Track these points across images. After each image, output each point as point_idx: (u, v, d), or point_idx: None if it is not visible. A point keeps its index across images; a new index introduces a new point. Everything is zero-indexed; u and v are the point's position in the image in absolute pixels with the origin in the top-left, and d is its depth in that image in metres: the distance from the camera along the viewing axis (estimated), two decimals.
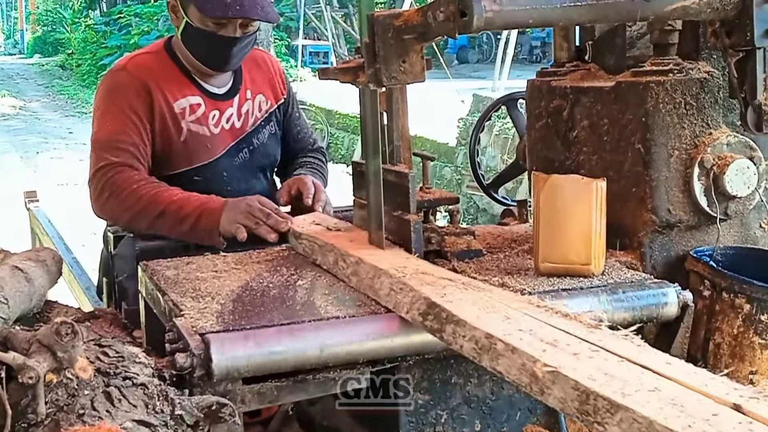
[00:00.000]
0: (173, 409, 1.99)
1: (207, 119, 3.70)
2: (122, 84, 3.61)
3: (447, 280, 2.45)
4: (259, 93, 3.88)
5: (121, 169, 3.45)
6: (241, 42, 3.60)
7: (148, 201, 3.37)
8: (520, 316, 2.13)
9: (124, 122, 3.53)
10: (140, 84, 3.58)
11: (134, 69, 3.64)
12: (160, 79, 3.64)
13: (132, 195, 3.39)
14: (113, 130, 3.53)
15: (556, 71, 3.19)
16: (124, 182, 3.42)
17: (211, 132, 3.71)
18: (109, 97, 3.63)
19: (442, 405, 2.55)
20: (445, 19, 2.30)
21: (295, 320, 2.32)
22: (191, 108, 3.67)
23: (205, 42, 3.60)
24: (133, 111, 3.55)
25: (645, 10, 2.48)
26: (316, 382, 2.31)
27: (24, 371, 1.81)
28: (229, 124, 3.76)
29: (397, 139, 2.89)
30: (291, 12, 33.59)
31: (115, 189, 3.42)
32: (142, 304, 2.89)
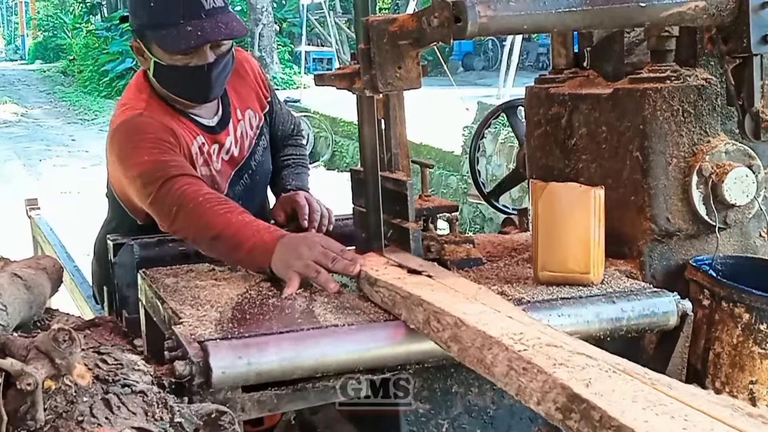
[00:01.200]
0: (172, 417, 1.99)
1: (211, 157, 3.50)
2: (145, 124, 3.30)
3: (585, 356, 1.87)
4: (247, 108, 3.67)
5: (186, 180, 3.13)
6: (217, 66, 3.35)
7: (207, 220, 3.01)
8: (702, 418, 1.55)
9: (162, 149, 3.24)
10: (166, 127, 3.32)
11: (152, 113, 3.35)
12: (173, 124, 3.38)
13: (197, 208, 3.05)
14: (155, 160, 3.20)
15: (554, 78, 3.19)
16: (192, 193, 3.07)
17: (215, 170, 3.51)
18: (136, 139, 3.28)
19: (443, 414, 2.55)
20: (439, 25, 2.30)
21: (294, 328, 2.32)
22: (200, 149, 3.46)
23: (180, 77, 3.36)
24: (168, 145, 3.26)
25: (641, 15, 2.49)
26: (316, 390, 2.31)
27: (22, 378, 1.82)
28: (228, 155, 3.57)
29: (395, 147, 2.90)
30: (294, 18, 33.60)
31: (184, 201, 3.06)
32: (143, 312, 2.90)
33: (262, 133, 3.71)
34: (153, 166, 3.15)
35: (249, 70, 3.73)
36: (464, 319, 2.12)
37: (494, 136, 11.77)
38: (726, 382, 2.60)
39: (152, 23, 3.32)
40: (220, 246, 2.98)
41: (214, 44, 3.31)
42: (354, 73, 2.64)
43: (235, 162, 3.58)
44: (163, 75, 3.37)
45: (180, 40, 3.26)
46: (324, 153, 19.31)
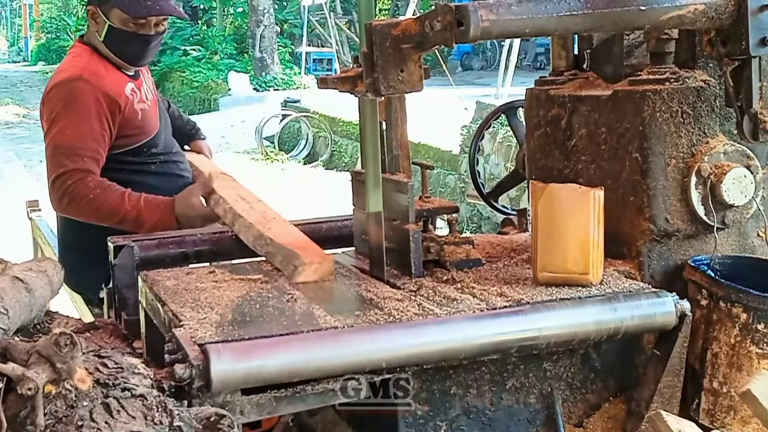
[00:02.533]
0: (172, 421, 1.99)
1: (142, 97, 4.19)
2: (82, 93, 3.95)
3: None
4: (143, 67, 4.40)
5: (79, 176, 3.85)
6: (155, 39, 4.15)
7: (106, 211, 3.84)
8: None
9: (83, 130, 3.91)
10: (99, 89, 3.96)
11: (91, 76, 4.00)
12: (108, 77, 4.05)
13: (90, 204, 3.85)
14: (73, 137, 3.90)
15: (554, 80, 3.19)
16: (81, 191, 3.84)
17: (149, 106, 4.22)
18: (69, 105, 3.95)
19: (441, 416, 2.56)
20: (442, 29, 2.31)
21: (294, 331, 2.32)
22: (132, 92, 4.13)
23: (128, 41, 4.07)
24: (93, 119, 3.93)
25: (641, 18, 2.49)
26: (315, 393, 2.31)
27: (23, 382, 1.82)
28: (149, 95, 4.29)
29: (396, 149, 2.90)
30: (295, 19, 33.61)
31: (75, 197, 3.85)
32: (143, 315, 2.90)
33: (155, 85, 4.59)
34: (67, 145, 3.90)
35: None
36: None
37: (492, 136, 11.78)
38: (724, 381, 2.61)
39: None
40: (125, 225, 3.80)
41: (158, 22, 4.09)
42: (356, 76, 2.65)
43: (155, 102, 4.34)
44: (114, 38, 4.08)
45: (142, 7, 4.00)
46: (323, 153, 19.32)
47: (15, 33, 69.36)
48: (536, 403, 2.67)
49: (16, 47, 66.57)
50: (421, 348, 2.35)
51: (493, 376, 2.60)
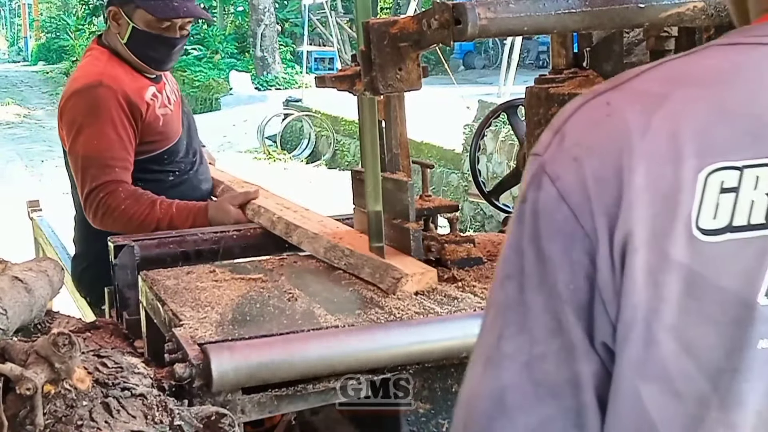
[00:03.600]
0: (172, 420, 1.99)
1: (164, 102, 4.05)
2: (103, 99, 3.81)
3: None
4: None
5: (111, 188, 3.75)
6: (179, 43, 4.01)
7: (140, 220, 3.72)
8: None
9: (111, 139, 3.78)
10: (120, 94, 3.82)
11: (111, 81, 3.84)
12: (129, 81, 3.91)
13: (123, 215, 3.73)
14: (100, 148, 3.78)
15: (554, 78, 3.18)
16: (113, 203, 3.73)
17: (171, 110, 4.08)
18: (92, 113, 3.82)
19: (444, 414, 2.55)
20: (439, 27, 2.30)
21: (295, 330, 2.32)
22: (154, 96, 3.98)
23: (152, 43, 3.93)
24: (118, 126, 3.79)
25: (640, 16, 2.49)
26: (316, 391, 2.30)
27: (22, 382, 1.82)
28: (172, 99, 4.14)
29: (396, 147, 2.90)
30: (296, 18, 33.57)
31: (107, 210, 3.74)
32: (143, 314, 2.90)
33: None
34: (97, 156, 3.78)
35: None
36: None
37: (495, 134, 11.77)
38: None
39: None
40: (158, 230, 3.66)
41: (183, 25, 3.95)
42: (355, 75, 2.65)
43: (178, 106, 4.18)
44: (138, 40, 3.92)
45: (169, 9, 3.85)
46: (325, 152, 19.32)
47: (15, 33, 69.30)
48: None
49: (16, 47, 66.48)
50: (422, 346, 2.35)
51: None
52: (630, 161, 1.18)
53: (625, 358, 1.19)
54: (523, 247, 1.24)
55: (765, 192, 1.15)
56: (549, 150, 1.25)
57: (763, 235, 1.15)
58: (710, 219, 1.15)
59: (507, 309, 1.26)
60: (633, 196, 1.17)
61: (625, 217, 1.17)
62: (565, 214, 1.20)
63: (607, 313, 1.19)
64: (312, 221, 3.30)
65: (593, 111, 1.25)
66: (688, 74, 1.24)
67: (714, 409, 1.18)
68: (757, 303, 1.15)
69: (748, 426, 1.19)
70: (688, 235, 1.16)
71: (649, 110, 1.19)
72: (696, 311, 1.17)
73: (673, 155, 1.17)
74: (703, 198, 1.15)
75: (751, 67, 1.21)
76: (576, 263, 1.20)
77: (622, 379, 1.20)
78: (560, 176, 1.22)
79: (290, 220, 3.30)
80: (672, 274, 1.16)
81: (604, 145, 1.21)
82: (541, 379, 1.23)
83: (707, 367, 1.17)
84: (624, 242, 1.17)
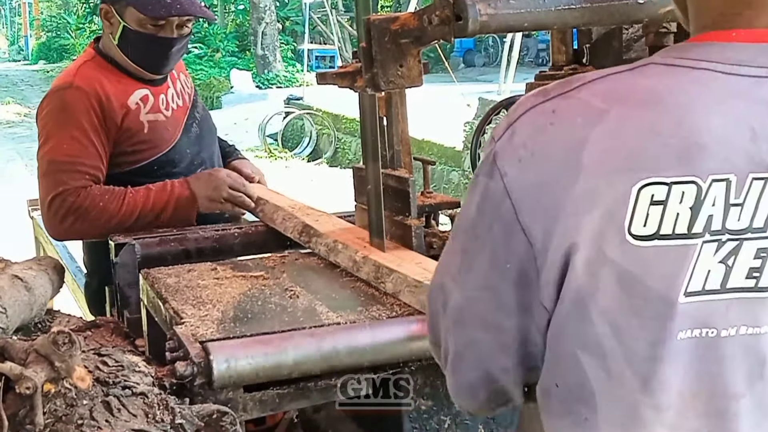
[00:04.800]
0: (173, 418, 1.99)
1: (158, 106, 3.75)
2: (73, 102, 3.57)
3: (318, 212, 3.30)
4: (181, 72, 4.01)
5: (82, 192, 3.47)
6: (178, 43, 3.68)
7: (120, 213, 3.46)
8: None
9: (81, 143, 3.53)
10: (93, 97, 3.57)
11: (84, 83, 3.60)
12: (108, 84, 3.64)
13: (103, 213, 3.46)
14: (71, 153, 3.51)
15: (554, 74, 3.17)
16: (89, 203, 3.46)
17: (166, 116, 3.77)
18: (62, 116, 3.58)
19: (445, 410, 2.54)
20: (440, 23, 2.30)
21: (296, 327, 2.32)
22: (143, 101, 3.70)
23: (145, 44, 3.64)
24: (90, 130, 3.54)
25: (639, 12, 2.48)
26: (318, 389, 2.30)
27: (21, 381, 1.81)
28: (174, 104, 3.84)
29: (397, 144, 2.90)
30: (296, 16, 33.57)
31: (82, 212, 3.46)
32: (144, 313, 2.89)
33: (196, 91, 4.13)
34: (66, 161, 3.50)
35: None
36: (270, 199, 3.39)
37: None
38: None
39: None
40: (141, 223, 3.47)
41: (180, 24, 3.63)
42: (355, 71, 2.64)
43: (183, 111, 3.89)
44: (130, 41, 3.65)
45: (161, 8, 3.55)
46: (327, 150, 19.32)
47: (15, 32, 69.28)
48: None
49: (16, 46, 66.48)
50: (423, 343, 2.34)
51: None
52: (570, 170, 1.37)
53: (568, 328, 1.44)
54: (478, 215, 1.51)
55: (689, 206, 1.34)
56: (501, 140, 1.48)
57: (684, 244, 1.35)
58: (641, 227, 1.35)
59: (463, 250, 1.57)
60: (572, 203, 1.37)
61: (565, 221, 1.37)
62: (508, 208, 1.44)
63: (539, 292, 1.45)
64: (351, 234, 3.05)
65: (540, 116, 1.45)
66: (627, 92, 1.42)
67: (638, 392, 1.41)
68: (678, 301, 1.36)
69: (672, 407, 1.41)
70: (621, 238, 1.36)
71: (589, 124, 1.38)
72: (626, 304, 1.38)
73: (609, 169, 1.35)
74: (636, 208, 1.34)
75: (682, 91, 1.38)
76: (513, 251, 1.45)
77: (565, 342, 1.45)
78: (507, 173, 1.44)
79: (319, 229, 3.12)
80: (607, 267, 1.37)
81: (546, 153, 1.42)
82: (476, 313, 1.56)
83: (633, 353, 1.40)
84: (565, 243, 1.38)
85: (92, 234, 3.56)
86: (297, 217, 3.26)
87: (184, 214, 3.55)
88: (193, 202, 3.54)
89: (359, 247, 2.86)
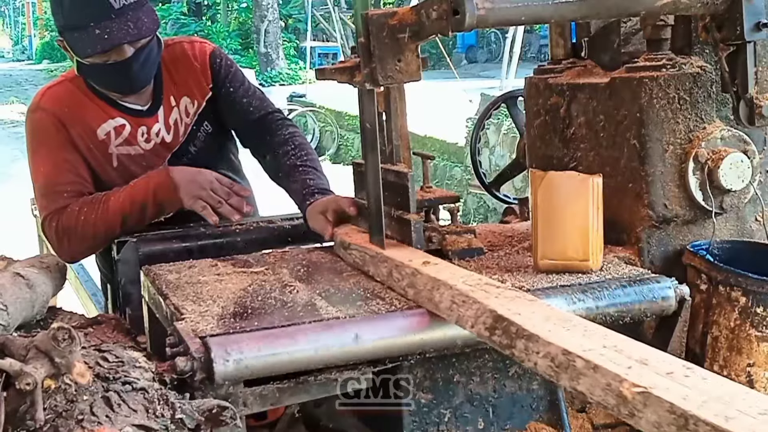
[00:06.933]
0: (174, 413, 1.99)
1: (135, 138, 3.59)
2: (41, 124, 3.53)
3: (515, 291, 2.30)
4: (184, 96, 3.69)
5: (64, 213, 3.41)
6: (137, 60, 3.40)
7: (104, 221, 3.37)
8: (602, 330, 1.96)
9: (55, 163, 3.49)
10: (56, 116, 3.49)
11: (48, 105, 3.53)
12: (76, 109, 3.53)
13: (86, 226, 3.38)
14: (47, 174, 3.49)
15: (552, 68, 3.19)
16: (72, 222, 3.39)
17: (144, 149, 3.61)
18: (34, 139, 3.57)
19: (445, 404, 2.56)
20: (438, 18, 2.31)
21: (296, 322, 2.33)
22: (116, 131, 3.56)
23: (102, 74, 3.45)
24: (60, 149, 3.49)
25: (636, 5, 2.49)
26: (318, 383, 2.31)
27: (21, 377, 1.82)
28: (159, 138, 3.63)
29: (396, 139, 2.90)
30: (299, 14, 33.64)
31: (68, 231, 3.41)
32: (146, 309, 2.91)
33: (203, 119, 3.75)
34: (44, 183, 3.50)
35: (190, 56, 3.74)
36: (419, 269, 2.49)
37: (497, 127, 11.77)
38: (724, 365, 2.61)
39: (65, 25, 3.39)
40: (131, 221, 3.38)
41: (130, 42, 3.34)
42: (354, 66, 2.65)
43: (169, 147, 3.67)
44: (87, 72, 3.48)
45: (87, 45, 3.31)
46: (330, 147, 19.33)
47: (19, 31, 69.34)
48: (539, 389, 2.68)
49: (20, 46, 66.56)
50: (423, 336, 2.36)
51: (495, 363, 2.61)
52: None
53: None
54: None
55: None
56: None
57: None
58: None
59: None
60: None
61: None
62: None
63: None
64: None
65: None
66: None
67: None
68: None
69: None
70: None
71: None
72: None
73: None
74: None
75: None
76: None
77: None
78: None
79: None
80: None
81: None
82: None
83: None
84: None
85: (91, 247, 3.51)
86: None
87: (168, 205, 3.41)
88: (174, 190, 3.36)
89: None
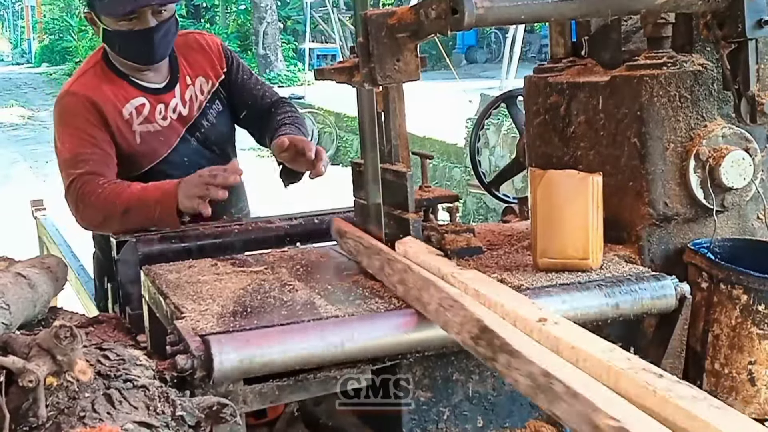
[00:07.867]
0: (174, 410, 2.00)
1: (154, 116, 3.86)
2: (71, 106, 3.76)
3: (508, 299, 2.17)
4: (199, 76, 4.02)
5: (86, 178, 3.61)
6: (159, 30, 3.74)
7: (112, 202, 3.51)
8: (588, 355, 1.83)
9: (81, 138, 3.69)
10: (89, 102, 3.73)
11: (79, 89, 3.79)
12: (103, 91, 3.79)
13: (98, 199, 3.55)
14: (72, 148, 3.70)
15: (552, 67, 3.19)
16: (90, 190, 3.57)
17: (161, 126, 3.88)
18: (63, 121, 3.79)
19: (444, 402, 2.56)
20: (436, 17, 2.30)
21: (295, 320, 2.33)
22: (137, 110, 3.83)
23: (126, 41, 3.76)
24: (88, 127, 3.71)
25: (636, 3, 2.49)
26: (317, 381, 2.32)
27: (24, 375, 1.83)
28: (176, 113, 3.92)
29: (395, 138, 2.90)
30: (298, 15, 33.64)
31: (84, 198, 3.59)
32: (146, 308, 2.91)
33: (215, 98, 4.07)
34: (69, 157, 3.69)
35: (205, 44, 4.10)
36: (411, 266, 2.45)
37: (497, 127, 11.79)
38: (725, 363, 2.61)
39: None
40: (131, 218, 3.47)
41: (155, 10, 3.70)
42: (353, 66, 2.64)
43: (184, 121, 3.95)
44: (112, 40, 3.80)
45: (117, 6, 3.66)
46: (329, 148, 19.34)
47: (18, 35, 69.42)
48: None
49: (19, 49, 66.65)
50: (422, 335, 2.36)
51: None
52: None
53: None
54: None
55: None
56: None
57: None
58: None
59: None
60: None
61: None
62: None
63: None
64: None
65: None
66: None
67: None
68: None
69: None
70: None
71: None
72: None
73: None
74: None
75: None
76: None
77: None
78: None
79: None
80: None
81: None
82: None
83: None
84: None
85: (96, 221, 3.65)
86: None
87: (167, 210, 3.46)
88: (174, 196, 3.45)
89: None
